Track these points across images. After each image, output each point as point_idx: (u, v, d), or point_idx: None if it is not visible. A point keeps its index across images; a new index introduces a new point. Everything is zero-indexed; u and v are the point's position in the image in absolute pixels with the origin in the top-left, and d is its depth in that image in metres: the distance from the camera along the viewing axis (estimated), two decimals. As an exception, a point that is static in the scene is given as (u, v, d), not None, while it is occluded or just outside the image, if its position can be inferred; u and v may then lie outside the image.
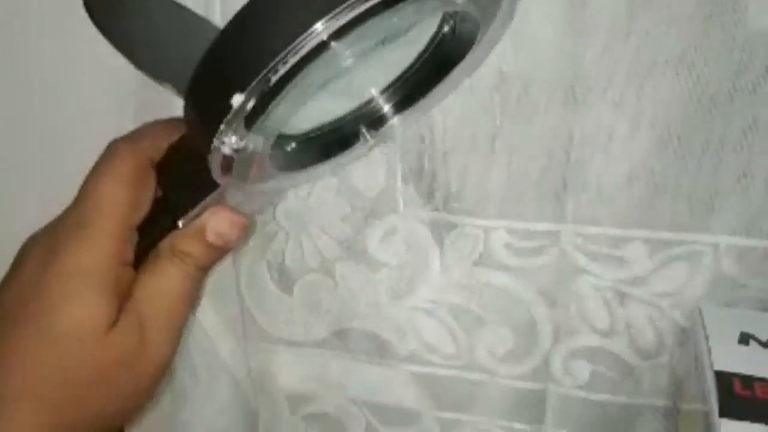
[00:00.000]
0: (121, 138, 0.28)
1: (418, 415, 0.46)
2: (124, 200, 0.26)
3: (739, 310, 0.36)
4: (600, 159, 0.37)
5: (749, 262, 0.38)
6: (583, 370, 0.42)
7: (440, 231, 0.42)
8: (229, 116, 0.22)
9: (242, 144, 0.24)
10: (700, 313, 0.35)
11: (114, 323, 0.25)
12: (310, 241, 0.43)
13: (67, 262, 0.25)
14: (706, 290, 0.39)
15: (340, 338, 0.46)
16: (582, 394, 0.43)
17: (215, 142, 0.23)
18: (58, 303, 0.24)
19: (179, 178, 0.28)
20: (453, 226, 0.41)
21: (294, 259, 0.44)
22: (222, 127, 0.22)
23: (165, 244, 0.28)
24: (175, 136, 0.28)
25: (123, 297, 0.26)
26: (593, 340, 0.42)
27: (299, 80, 0.21)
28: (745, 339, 0.31)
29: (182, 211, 0.28)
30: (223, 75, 0.22)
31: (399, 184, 0.41)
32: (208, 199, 0.28)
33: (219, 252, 0.28)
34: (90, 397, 0.25)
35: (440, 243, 0.42)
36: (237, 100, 0.21)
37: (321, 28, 0.20)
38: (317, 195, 0.42)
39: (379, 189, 0.41)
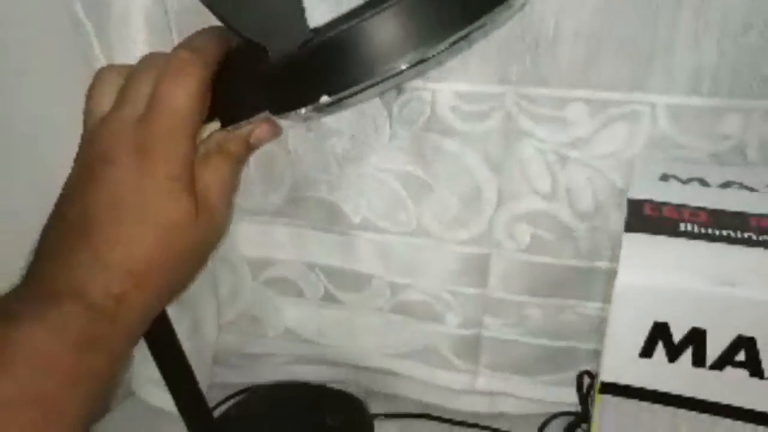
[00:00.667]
0: (185, 48, 0.33)
1: (370, 279, 0.48)
2: (197, 112, 0.31)
3: (670, 162, 0.37)
4: (546, 19, 0.38)
5: (686, 121, 0.39)
6: (525, 233, 0.44)
7: (389, 98, 0.42)
8: (310, 107, 0.28)
9: (309, 114, 0.30)
10: (633, 166, 0.36)
11: (197, 213, 0.32)
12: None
13: (160, 170, 0.31)
14: (644, 151, 0.40)
15: (296, 206, 0.47)
16: (524, 257, 0.45)
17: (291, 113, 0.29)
18: (158, 202, 0.31)
19: (232, 95, 0.33)
20: (401, 90, 0.42)
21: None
22: (303, 111, 0.28)
23: (213, 142, 0.34)
24: (224, 49, 0.33)
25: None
26: (535, 204, 0.43)
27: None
28: (665, 177, 0.32)
29: (231, 121, 0.34)
30: (322, 74, 0.27)
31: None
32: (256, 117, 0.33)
33: (255, 149, 0.36)
34: (181, 269, 0.33)
35: (389, 110, 0.43)
36: (324, 100, 0.27)
37: (404, 67, 0.26)
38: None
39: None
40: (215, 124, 0.35)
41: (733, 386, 0.25)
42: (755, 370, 0.25)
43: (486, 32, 0.38)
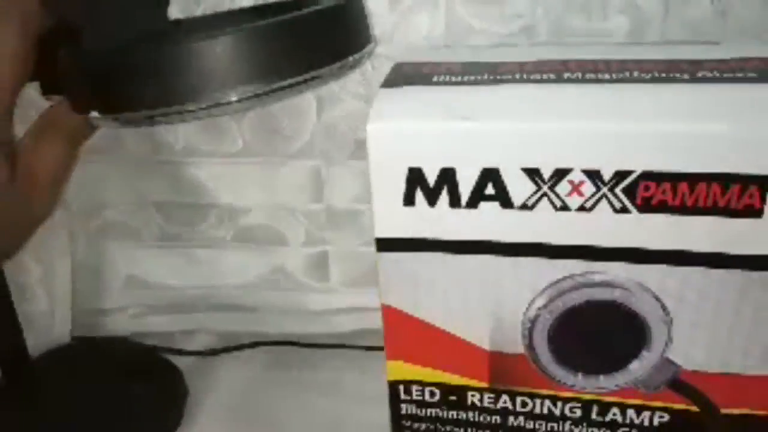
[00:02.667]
0: None
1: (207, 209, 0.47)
2: (20, 61, 0.27)
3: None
4: None
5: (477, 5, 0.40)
6: (348, 138, 0.44)
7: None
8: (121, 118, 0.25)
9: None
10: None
11: (13, 178, 0.28)
12: None
13: None
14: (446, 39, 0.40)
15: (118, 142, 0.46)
16: (354, 163, 0.45)
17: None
18: None
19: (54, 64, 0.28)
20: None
21: None
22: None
23: (49, 115, 0.30)
24: None
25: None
26: (353, 106, 0.43)
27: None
28: (436, 48, 0.32)
29: (49, 92, 0.29)
30: (147, 88, 0.23)
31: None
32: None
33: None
34: None
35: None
36: (145, 114, 0.24)
37: (234, 98, 0.23)
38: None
39: None
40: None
41: (488, 222, 0.26)
42: (505, 201, 0.26)
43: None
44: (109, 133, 0.45)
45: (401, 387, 0.31)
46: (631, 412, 0.29)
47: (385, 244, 0.27)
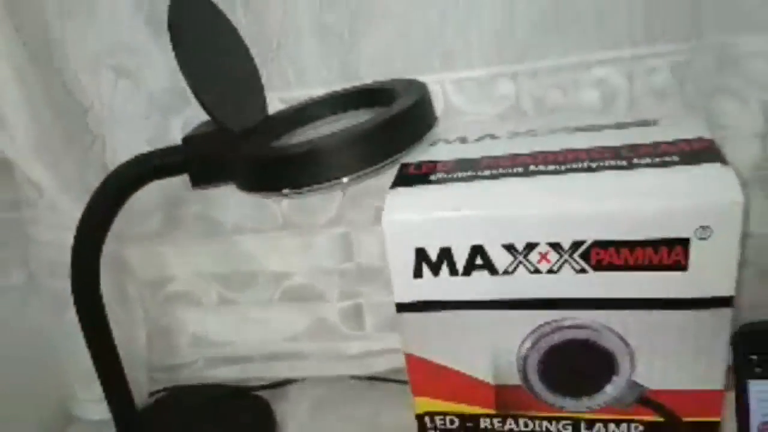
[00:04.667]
0: None
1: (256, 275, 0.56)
2: None
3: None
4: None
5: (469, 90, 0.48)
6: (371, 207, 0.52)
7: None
8: (273, 195, 0.37)
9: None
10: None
11: None
12: None
13: None
14: (443, 122, 0.48)
15: (175, 225, 0.54)
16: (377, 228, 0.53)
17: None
18: None
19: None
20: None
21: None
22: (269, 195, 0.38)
23: None
24: None
25: None
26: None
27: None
28: (434, 143, 0.40)
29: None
30: (286, 173, 0.36)
31: None
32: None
33: None
34: None
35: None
36: (285, 191, 0.36)
37: (346, 181, 0.35)
38: None
39: None
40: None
41: (480, 285, 0.33)
42: (491, 269, 0.33)
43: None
44: (167, 216, 0.54)
45: (427, 418, 0.39)
46: (612, 426, 0.36)
47: (403, 307, 0.35)
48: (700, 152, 0.33)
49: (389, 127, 0.36)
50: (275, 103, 0.49)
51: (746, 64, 0.45)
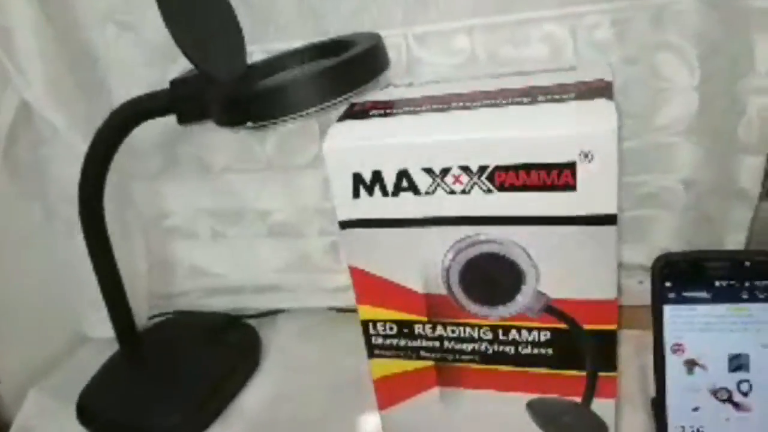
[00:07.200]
0: None
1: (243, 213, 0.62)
2: None
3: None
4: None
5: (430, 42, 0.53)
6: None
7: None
8: (240, 128, 0.44)
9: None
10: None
11: None
12: None
13: None
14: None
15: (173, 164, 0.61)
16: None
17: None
18: None
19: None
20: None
21: None
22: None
23: None
24: None
25: None
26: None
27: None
28: (386, 86, 0.46)
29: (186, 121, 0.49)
30: (249, 109, 0.42)
31: None
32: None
33: None
34: None
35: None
36: (248, 124, 0.42)
37: (299, 116, 0.41)
38: None
39: None
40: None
41: (407, 205, 0.39)
42: (415, 190, 0.38)
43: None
44: (167, 158, 0.61)
45: (370, 324, 0.45)
46: (524, 332, 0.42)
47: (345, 225, 0.41)
48: (593, 91, 0.37)
49: (339, 70, 0.42)
50: (258, 54, 0.55)
51: (684, 20, 0.49)
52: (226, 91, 0.44)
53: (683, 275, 0.45)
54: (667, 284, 0.46)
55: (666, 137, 0.53)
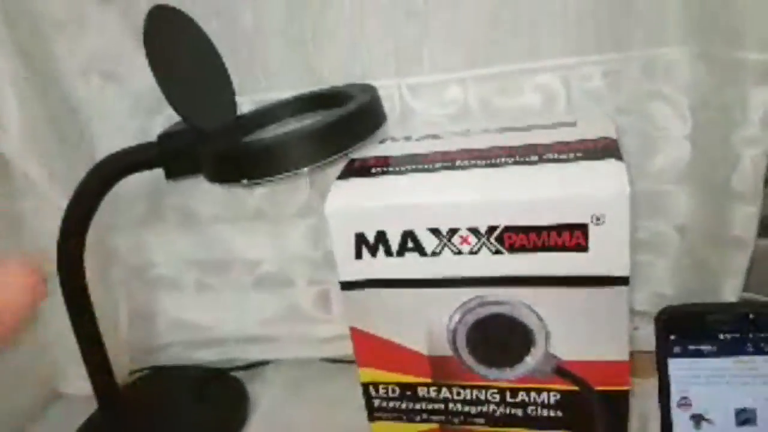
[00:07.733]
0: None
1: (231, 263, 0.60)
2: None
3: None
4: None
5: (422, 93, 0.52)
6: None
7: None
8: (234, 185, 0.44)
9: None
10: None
11: None
12: None
13: None
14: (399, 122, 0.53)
15: (157, 214, 0.59)
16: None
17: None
18: None
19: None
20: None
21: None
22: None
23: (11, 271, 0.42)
24: None
25: None
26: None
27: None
28: (384, 140, 0.45)
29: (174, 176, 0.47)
30: (244, 166, 0.41)
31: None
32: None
33: None
34: None
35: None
36: (243, 182, 0.41)
37: (295, 174, 0.40)
38: None
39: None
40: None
41: (412, 266, 0.38)
42: (421, 251, 0.37)
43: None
44: (151, 207, 0.59)
45: (371, 387, 0.43)
46: (533, 394, 0.40)
47: (347, 285, 0.40)
48: (602, 150, 0.37)
49: (336, 127, 0.41)
50: (248, 105, 0.54)
51: (674, 71, 0.49)
52: (218, 146, 0.43)
53: (687, 328, 0.44)
54: (672, 337, 0.45)
55: (659, 185, 0.53)
